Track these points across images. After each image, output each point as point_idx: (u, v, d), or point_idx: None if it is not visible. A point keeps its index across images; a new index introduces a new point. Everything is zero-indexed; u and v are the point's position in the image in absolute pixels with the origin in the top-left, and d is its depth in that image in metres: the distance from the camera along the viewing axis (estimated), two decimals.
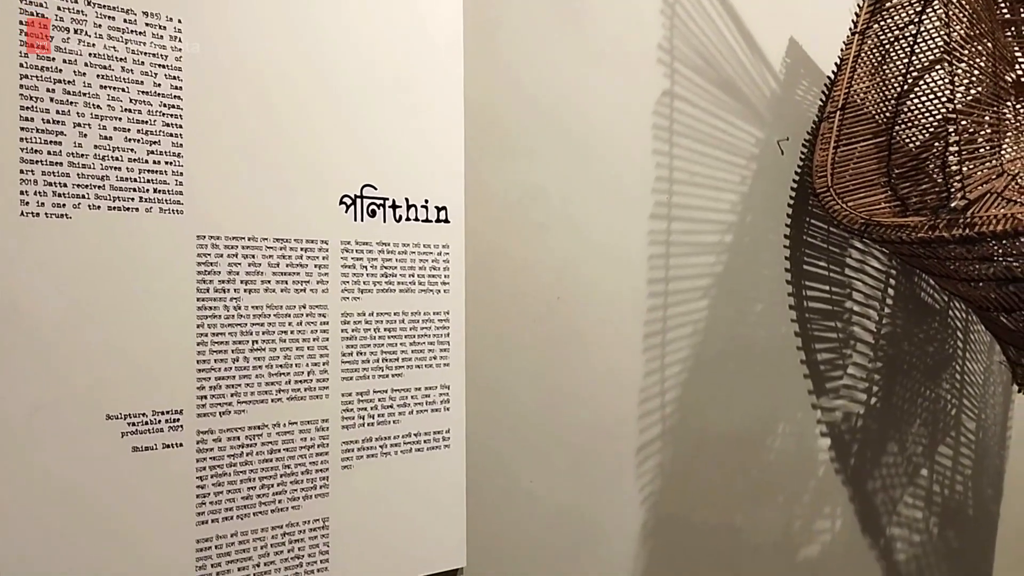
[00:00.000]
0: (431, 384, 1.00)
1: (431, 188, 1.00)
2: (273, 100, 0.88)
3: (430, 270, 0.99)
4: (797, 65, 1.42)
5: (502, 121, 1.09)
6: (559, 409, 1.14)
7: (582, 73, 1.16)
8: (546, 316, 1.13)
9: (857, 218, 1.26)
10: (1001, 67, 1.38)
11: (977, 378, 1.76)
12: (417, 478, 0.98)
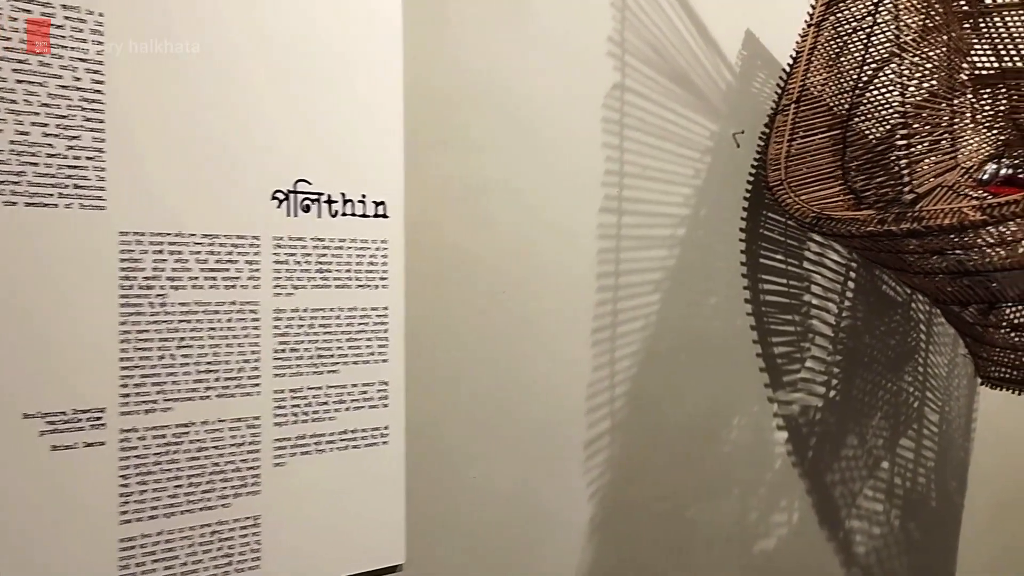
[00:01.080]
0: (369, 380, 0.99)
1: (369, 182, 0.99)
2: (201, 93, 0.87)
3: (368, 265, 0.99)
4: (753, 57, 1.41)
5: (445, 114, 1.08)
6: (504, 404, 1.14)
7: (529, 65, 1.15)
8: (491, 310, 1.12)
9: (809, 211, 1.25)
10: (957, 60, 1.37)
11: (941, 370, 1.76)
12: (354, 475, 0.98)
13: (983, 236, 1.21)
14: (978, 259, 1.26)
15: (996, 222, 1.07)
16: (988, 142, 1.41)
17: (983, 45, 1.37)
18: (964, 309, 1.44)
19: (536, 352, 1.16)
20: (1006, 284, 1.30)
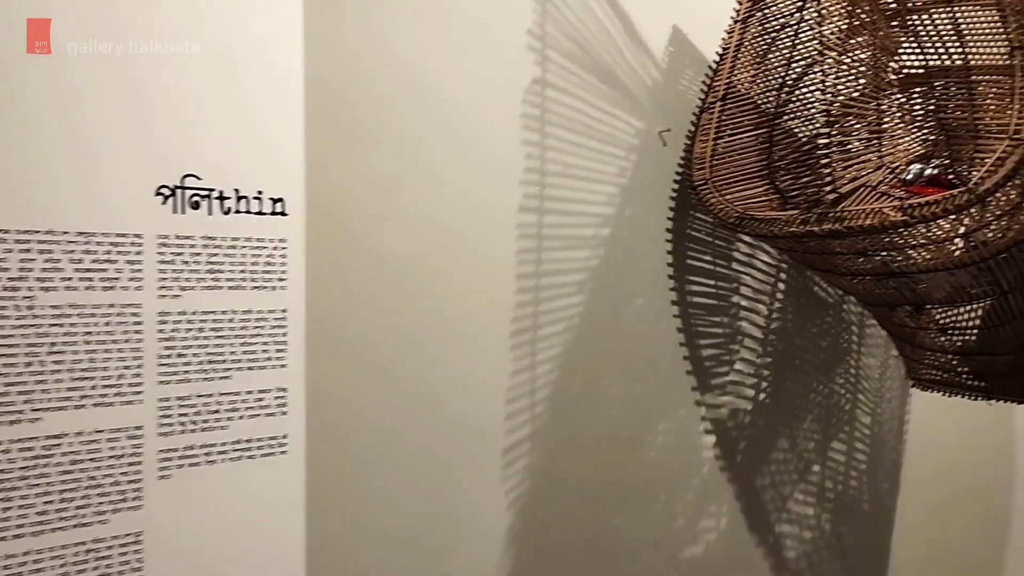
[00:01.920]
0: (265, 387, 0.94)
1: (266, 179, 0.94)
2: (77, 82, 0.81)
3: (264, 266, 0.94)
4: (681, 54, 1.38)
5: (351, 108, 1.04)
6: (416, 410, 1.09)
7: (444, 58, 1.11)
8: (402, 312, 1.08)
9: (733, 211, 1.23)
10: (884, 59, 1.35)
11: (873, 372, 1.75)
12: (248, 487, 0.93)
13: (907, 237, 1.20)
14: (903, 261, 1.24)
15: (916, 223, 1.05)
16: (915, 142, 1.40)
17: (910, 44, 1.36)
18: (892, 311, 1.43)
19: (451, 356, 1.12)
20: (932, 286, 1.28)
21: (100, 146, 0.82)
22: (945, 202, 1.01)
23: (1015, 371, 1.39)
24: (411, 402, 1.09)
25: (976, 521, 2.04)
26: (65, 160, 0.81)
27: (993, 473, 2.08)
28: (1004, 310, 1.28)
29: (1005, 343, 1.33)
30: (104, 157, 0.83)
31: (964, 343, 1.41)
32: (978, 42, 1.22)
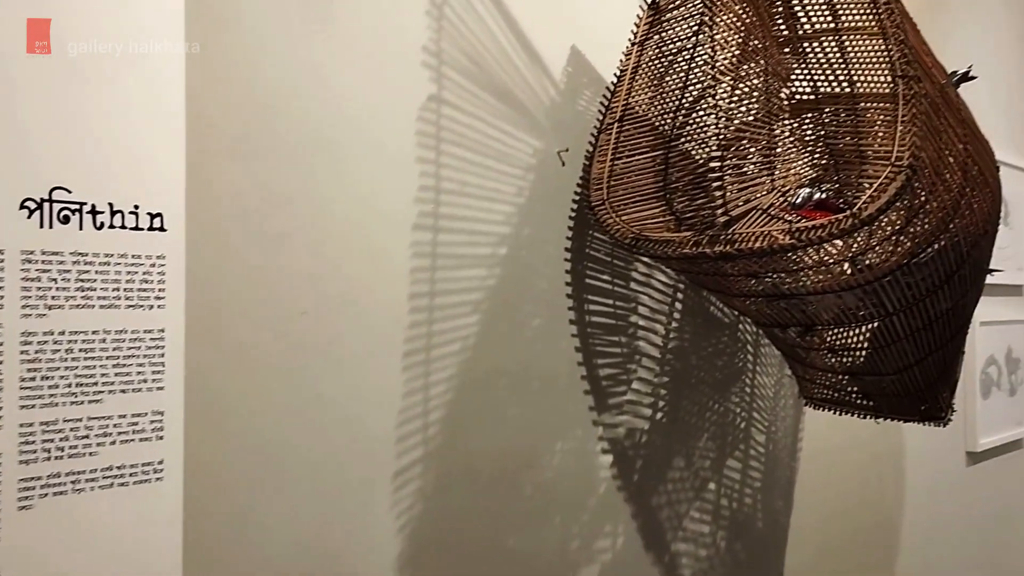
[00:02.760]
0: (140, 410, 0.89)
1: (144, 193, 0.90)
2: None
3: (140, 284, 0.89)
4: (579, 74, 1.39)
5: (240, 121, 1.00)
6: (303, 434, 1.06)
7: (334, 72, 1.09)
8: (289, 333, 1.05)
9: (628, 232, 1.23)
10: (777, 85, 1.38)
11: (768, 391, 1.78)
12: (121, 516, 0.88)
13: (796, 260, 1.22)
14: (792, 283, 1.27)
15: (803, 246, 1.07)
16: (806, 166, 1.43)
17: (802, 71, 1.39)
18: (784, 331, 1.45)
19: (340, 378, 1.09)
20: (820, 307, 1.31)
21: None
22: (831, 226, 1.03)
23: (901, 390, 1.43)
24: (297, 426, 1.05)
25: (866, 536, 2.10)
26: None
27: (882, 487, 2.15)
28: (890, 331, 1.31)
29: (891, 363, 1.37)
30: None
31: (852, 363, 1.45)
32: (864, 70, 1.26)
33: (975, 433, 2.41)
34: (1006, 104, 2.65)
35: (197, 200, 0.95)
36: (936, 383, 1.41)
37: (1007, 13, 2.68)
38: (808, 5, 1.31)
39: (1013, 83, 2.70)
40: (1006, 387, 2.56)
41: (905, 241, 1.18)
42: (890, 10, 1.11)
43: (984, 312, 2.40)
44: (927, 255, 1.18)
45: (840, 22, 1.26)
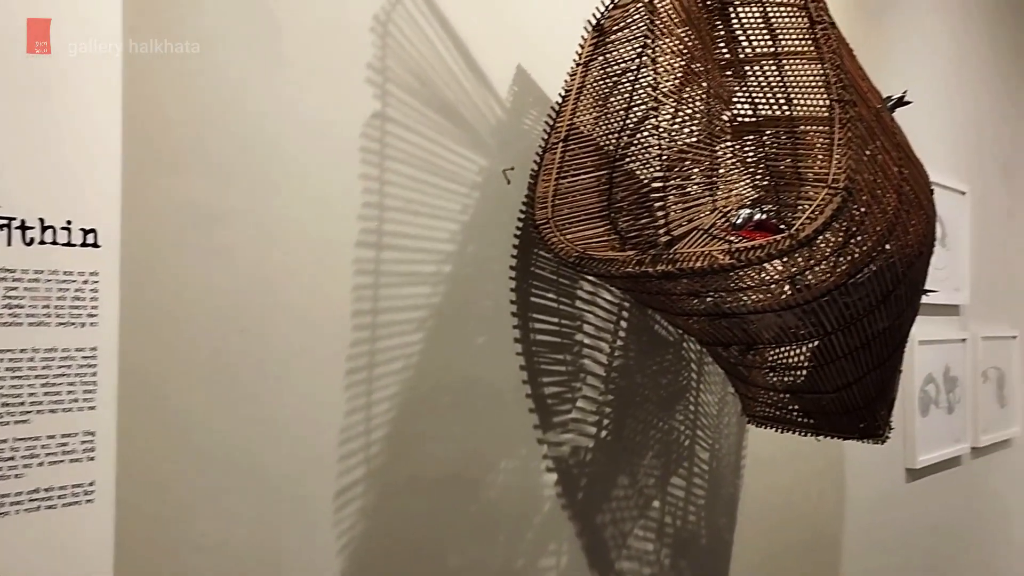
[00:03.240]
0: (70, 431, 0.87)
1: (77, 207, 0.88)
2: None
3: (72, 301, 0.87)
4: (525, 93, 1.40)
5: (177, 135, 0.99)
6: (241, 453, 1.04)
7: (278, 88, 1.08)
8: (229, 350, 1.03)
9: (572, 251, 1.24)
10: (719, 108, 1.40)
11: (711, 409, 1.80)
12: (48, 540, 0.86)
13: (737, 279, 1.24)
14: (734, 302, 1.28)
15: (744, 266, 1.08)
16: (748, 187, 1.46)
17: (743, 94, 1.41)
18: (726, 350, 1.47)
19: (280, 396, 1.08)
20: (761, 326, 1.33)
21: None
22: (770, 247, 1.05)
23: (840, 408, 1.45)
24: (235, 445, 1.04)
25: (808, 551, 2.12)
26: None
27: (823, 503, 2.17)
28: (829, 350, 1.33)
29: (830, 382, 1.39)
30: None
31: (793, 381, 1.47)
32: (802, 93, 1.28)
33: (914, 450, 2.45)
34: (941, 128, 2.72)
35: (134, 215, 0.94)
36: (874, 401, 1.43)
37: (942, 40, 2.76)
38: (748, 29, 1.33)
39: (949, 108, 2.77)
40: (944, 405, 2.61)
41: (843, 262, 1.20)
42: (827, 35, 1.13)
43: (922, 331, 2.46)
44: (864, 275, 1.21)
45: (779, 46, 1.29)
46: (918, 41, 2.60)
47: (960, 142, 2.83)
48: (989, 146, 3.04)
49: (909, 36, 2.55)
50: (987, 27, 3.05)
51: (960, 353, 2.71)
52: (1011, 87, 3.22)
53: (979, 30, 3.00)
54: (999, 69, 3.14)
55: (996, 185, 3.07)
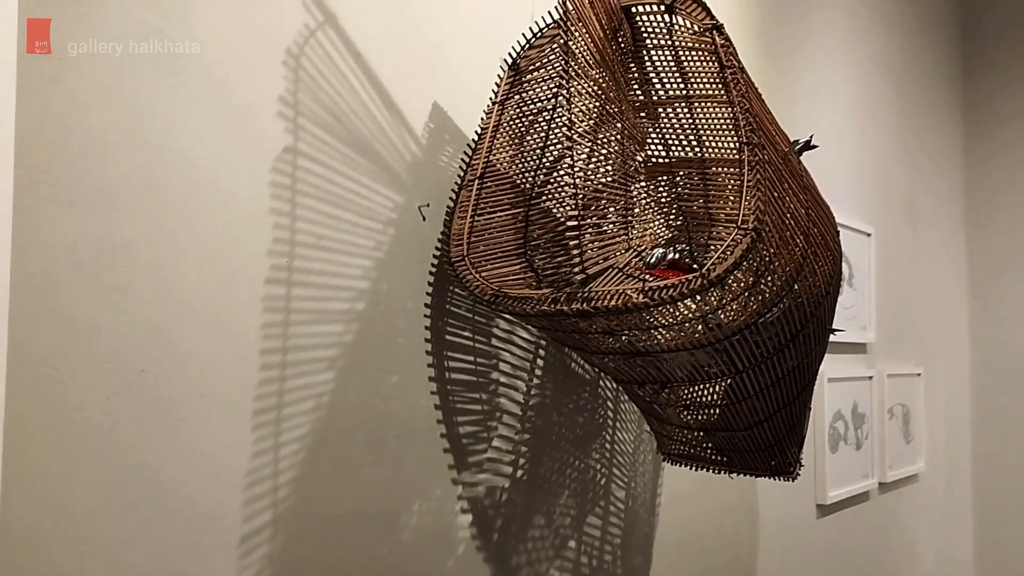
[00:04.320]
0: None
1: None
2: None
3: None
4: (441, 130, 1.39)
5: (73, 168, 0.95)
6: (138, 498, 1.00)
7: (183, 120, 1.05)
8: (127, 392, 0.99)
9: (488, 288, 1.23)
10: (633, 148, 1.42)
11: (627, 447, 1.80)
12: None
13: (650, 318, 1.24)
14: (647, 340, 1.29)
15: (657, 304, 1.09)
16: (661, 227, 1.47)
17: (657, 135, 1.43)
18: (641, 388, 1.47)
19: (181, 438, 1.04)
20: (674, 365, 1.34)
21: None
22: (682, 286, 1.06)
23: (752, 446, 1.47)
24: (133, 490, 0.99)
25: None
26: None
27: (737, 539, 2.19)
28: (740, 388, 1.35)
29: (742, 419, 1.41)
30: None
31: (706, 419, 1.48)
32: (713, 136, 1.31)
33: (824, 486, 2.50)
34: (848, 171, 2.81)
35: (25, 249, 0.89)
36: (785, 439, 1.45)
37: (849, 85, 2.86)
38: (661, 72, 1.36)
39: (855, 151, 2.87)
40: (852, 441, 2.67)
41: (753, 301, 1.22)
42: (736, 80, 1.16)
43: (831, 369, 2.52)
44: (773, 315, 1.23)
45: (691, 90, 1.31)
46: (826, 86, 2.70)
47: (866, 185, 2.93)
48: (894, 189, 3.15)
49: (817, 81, 2.64)
50: (892, 73, 3.18)
51: (867, 390, 2.79)
52: (915, 131, 3.36)
53: (884, 76, 3.12)
54: (904, 114, 3.27)
55: (900, 227, 3.18)
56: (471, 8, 1.44)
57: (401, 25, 1.32)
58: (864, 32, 2.99)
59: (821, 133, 2.54)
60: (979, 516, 3.80)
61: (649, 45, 1.36)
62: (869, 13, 3.03)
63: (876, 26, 3.08)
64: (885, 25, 3.15)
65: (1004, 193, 3.79)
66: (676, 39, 1.31)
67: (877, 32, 3.09)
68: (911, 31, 3.40)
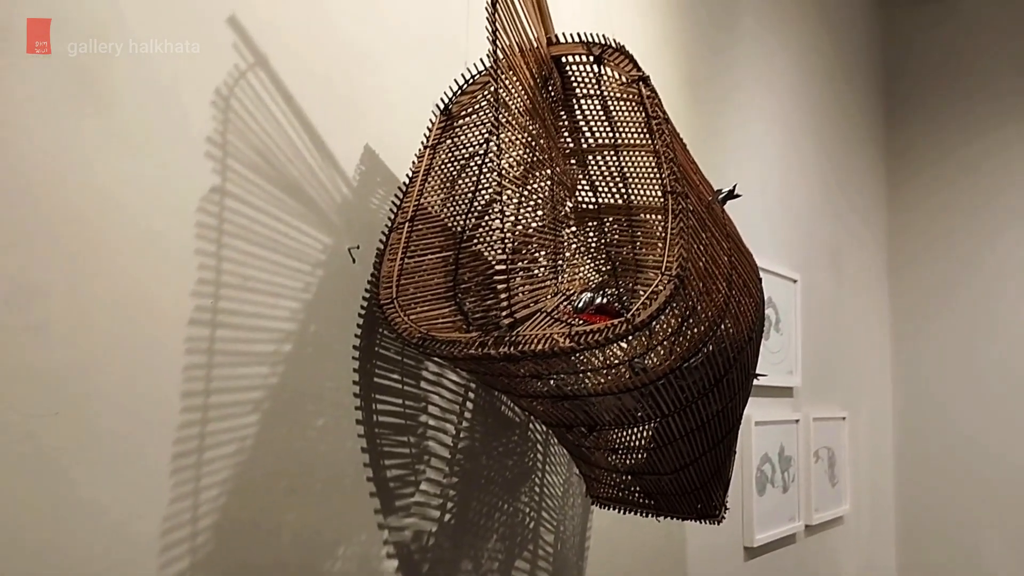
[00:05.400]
0: None
1: None
2: None
3: None
4: (372, 173, 1.40)
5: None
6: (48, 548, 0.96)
7: (107, 158, 1.03)
8: (41, 434, 0.96)
9: (416, 331, 1.23)
10: (563, 194, 1.44)
11: (557, 490, 1.80)
12: None
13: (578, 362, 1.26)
14: (575, 384, 1.30)
15: (583, 349, 1.10)
16: (590, 271, 1.49)
17: (586, 181, 1.46)
18: (569, 431, 1.48)
19: (95, 483, 1.01)
20: (602, 408, 1.35)
21: None
22: (608, 330, 1.07)
23: (678, 489, 1.49)
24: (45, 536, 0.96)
25: None
26: None
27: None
28: (666, 432, 1.36)
29: (668, 463, 1.42)
30: None
31: (633, 463, 1.49)
32: (640, 184, 1.34)
33: (752, 529, 2.53)
34: (774, 219, 2.89)
35: None
36: (710, 482, 1.47)
37: (775, 134, 2.95)
38: (591, 120, 1.39)
39: (781, 199, 2.95)
40: (779, 484, 2.71)
41: (678, 346, 1.24)
42: (661, 130, 1.19)
43: (759, 412, 2.56)
44: (697, 360, 1.25)
45: (619, 138, 1.34)
46: (753, 135, 2.78)
47: (792, 232, 3.01)
48: (819, 236, 3.24)
49: (744, 130, 2.71)
50: (817, 123, 3.29)
51: (794, 433, 2.84)
52: (840, 179, 3.47)
53: (810, 126, 3.22)
54: (829, 163, 3.38)
55: (826, 273, 3.27)
56: (404, 54, 1.45)
57: (334, 68, 1.33)
58: (790, 83, 3.09)
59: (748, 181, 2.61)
60: (903, 558, 3.88)
61: (579, 94, 1.39)
62: (795, 65, 3.13)
63: (802, 77, 3.19)
64: (811, 76, 3.27)
65: (925, 239, 3.93)
66: (604, 89, 1.34)
67: (803, 83, 3.20)
68: (836, 82, 3.52)
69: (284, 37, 1.26)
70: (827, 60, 3.43)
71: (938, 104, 3.94)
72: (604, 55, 1.29)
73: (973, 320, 3.77)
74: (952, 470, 3.77)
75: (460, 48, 1.54)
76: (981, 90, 3.84)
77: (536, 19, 1.33)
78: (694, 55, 2.43)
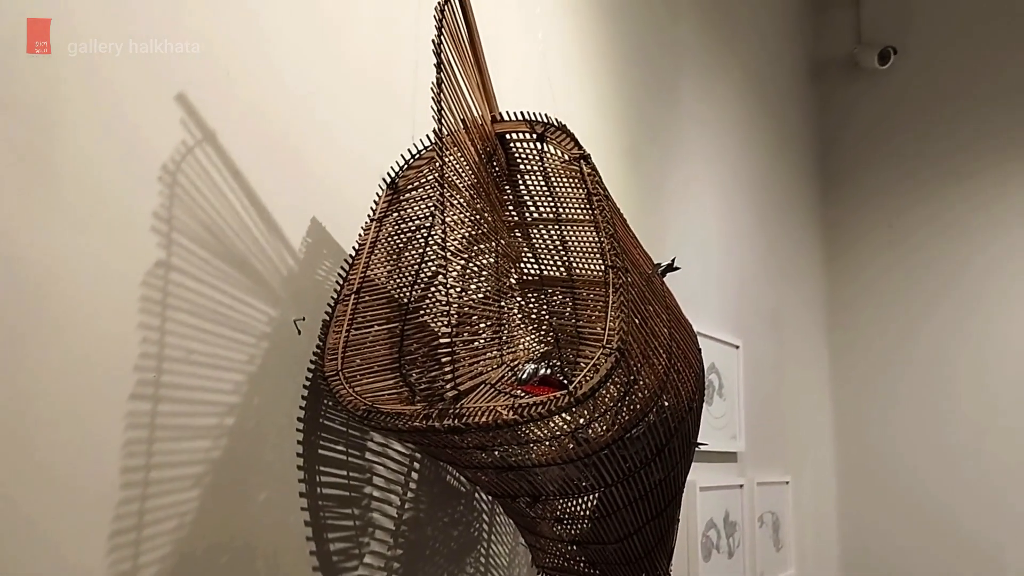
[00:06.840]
0: None
1: None
2: None
3: None
4: (319, 245, 1.41)
5: None
6: None
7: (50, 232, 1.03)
8: None
9: (361, 403, 1.23)
10: (507, 266, 1.47)
11: (503, 560, 1.80)
12: None
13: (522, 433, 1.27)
14: (519, 455, 1.31)
15: (526, 421, 1.12)
16: (534, 343, 1.52)
17: (530, 253, 1.49)
18: (514, 501, 1.49)
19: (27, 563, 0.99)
20: (546, 479, 1.36)
21: None
22: (551, 403, 1.09)
23: (623, 559, 1.49)
24: None
25: None
26: None
27: None
28: (610, 501, 1.38)
29: (612, 532, 1.43)
30: None
31: (578, 532, 1.50)
32: (581, 258, 1.37)
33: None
34: (715, 287, 2.95)
35: None
36: (654, 550, 1.48)
37: (715, 206, 3.03)
38: (534, 194, 1.42)
39: (721, 269, 3.02)
40: (725, 550, 2.73)
41: (620, 418, 1.26)
42: (601, 206, 1.22)
43: (703, 478, 2.58)
44: (639, 430, 1.27)
45: (561, 213, 1.38)
46: (693, 205, 2.85)
47: (734, 299, 3.07)
48: (760, 302, 3.32)
49: (684, 200, 2.78)
50: (753, 192, 3.38)
51: (738, 498, 2.86)
52: (775, 249, 3.56)
53: (749, 195, 3.32)
54: (768, 231, 3.47)
55: (766, 338, 3.34)
56: (351, 130, 1.48)
57: (280, 144, 1.35)
58: (729, 154, 3.19)
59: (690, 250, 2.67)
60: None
61: (522, 169, 1.43)
62: (732, 136, 3.24)
63: (739, 149, 3.29)
64: (748, 148, 3.37)
65: (864, 303, 4.03)
66: (547, 165, 1.38)
67: (741, 155, 3.30)
68: (773, 152, 3.64)
69: (232, 113, 1.28)
70: (763, 132, 3.55)
71: (873, 171, 4.07)
72: (546, 133, 1.33)
73: (913, 382, 3.85)
74: (896, 532, 3.82)
75: (407, 122, 1.57)
76: (915, 157, 3.97)
77: (480, 97, 1.37)
78: (634, 127, 2.50)
